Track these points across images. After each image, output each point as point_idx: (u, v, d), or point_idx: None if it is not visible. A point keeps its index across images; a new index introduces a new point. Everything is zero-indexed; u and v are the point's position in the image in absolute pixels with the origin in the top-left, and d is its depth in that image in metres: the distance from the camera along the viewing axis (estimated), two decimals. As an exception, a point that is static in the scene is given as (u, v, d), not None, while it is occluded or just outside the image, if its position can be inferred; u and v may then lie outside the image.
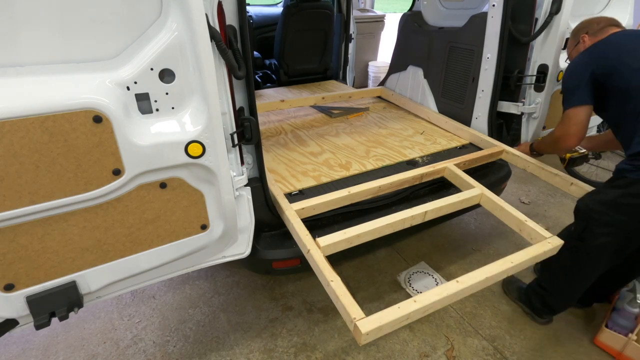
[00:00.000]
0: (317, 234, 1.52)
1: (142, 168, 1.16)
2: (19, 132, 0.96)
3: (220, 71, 1.24)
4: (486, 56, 2.25)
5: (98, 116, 1.03)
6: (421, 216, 1.66)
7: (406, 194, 2.00)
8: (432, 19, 2.91)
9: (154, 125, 1.15)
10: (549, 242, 1.51)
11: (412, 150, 2.31)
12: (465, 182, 1.87)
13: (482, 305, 2.17)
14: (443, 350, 1.92)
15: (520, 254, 1.44)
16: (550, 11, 2.00)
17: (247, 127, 1.40)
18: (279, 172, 2.04)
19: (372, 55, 5.39)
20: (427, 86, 2.84)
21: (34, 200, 1.03)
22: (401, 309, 1.19)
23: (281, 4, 4.60)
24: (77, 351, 1.91)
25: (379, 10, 5.62)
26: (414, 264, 2.48)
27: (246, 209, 1.53)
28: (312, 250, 1.40)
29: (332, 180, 1.97)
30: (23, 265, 1.11)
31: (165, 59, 1.10)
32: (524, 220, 1.61)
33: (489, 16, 2.18)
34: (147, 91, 1.12)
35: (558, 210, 3.03)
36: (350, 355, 1.90)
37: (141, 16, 1.05)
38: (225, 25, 1.24)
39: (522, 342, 1.96)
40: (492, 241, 2.68)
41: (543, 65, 2.13)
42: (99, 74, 1.05)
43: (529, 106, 2.24)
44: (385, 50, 5.18)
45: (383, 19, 5.15)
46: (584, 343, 1.94)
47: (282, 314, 2.13)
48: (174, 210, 1.30)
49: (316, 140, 2.48)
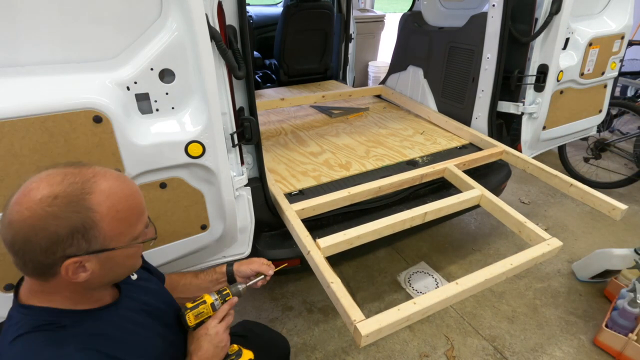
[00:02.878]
0: (317, 234, 1.52)
1: (142, 168, 1.16)
2: (19, 132, 0.96)
3: (220, 71, 1.24)
4: (486, 56, 2.25)
5: (98, 116, 1.03)
6: (421, 217, 1.66)
7: (406, 194, 2.00)
8: (432, 19, 2.90)
9: (154, 125, 1.15)
10: (548, 243, 1.51)
11: (412, 150, 2.31)
12: (465, 183, 1.87)
13: (482, 305, 2.17)
14: (443, 350, 1.92)
15: (520, 256, 1.45)
16: (550, 11, 2.00)
17: (247, 127, 1.40)
18: (279, 172, 2.04)
19: (372, 55, 5.39)
20: (427, 86, 2.84)
21: (34, 200, 1.03)
22: (401, 311, 1.19)
23: (281, 4, 4.59)
24: (77, 351, 1.91)
25: (379, 10, 5.62)
26: (414, 264, 2.48)
27: (246, 209, 1.53)
28: (312, 251, 1.40)
29: (332, 180, 1.97)
30: (23, 265, 1.11)
31: (165, 59, 1.10)
32: (523, 221, 1.61)
33: (489, 16, 2.18)
34: (147, 91, 1.12)
35: (558, 211, 3.03)
36: (350, 355, 1.90)
37: (141, 16, 1.05)
38: (225, 26, 1.24)
39: (522, 342, 1.96)
40: (492, 241, 2.68)
41: (543, 65, 2.13)
42: (99, 74, 1.05)
43: (529, 106, 2.24)
44: (385, 50, 5.17)
45: (383, 19, 5.15)
46: (584, 343, 1.94)
47: (282, 314, 2.13)
48: (174, 210, 1.30)
49: (316, 140, 2.48)
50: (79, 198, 0.71)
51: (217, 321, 0.97)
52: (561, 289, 2.28)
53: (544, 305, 2.17)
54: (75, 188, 0.71)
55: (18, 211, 0.68)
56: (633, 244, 2.47)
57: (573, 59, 2.19)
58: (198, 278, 1.20)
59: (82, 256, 0.72)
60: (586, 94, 2.43)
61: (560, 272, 2.40)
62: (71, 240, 0.70)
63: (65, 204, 0.69)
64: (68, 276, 0.72)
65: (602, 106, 2.60)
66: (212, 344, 0.94)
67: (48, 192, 0.69)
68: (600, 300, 2.19)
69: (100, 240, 0.73)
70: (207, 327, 0.96)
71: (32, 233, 0.68)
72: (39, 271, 0.73)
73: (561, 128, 2.44)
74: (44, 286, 0.76)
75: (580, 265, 2.35)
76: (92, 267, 0.74)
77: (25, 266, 0.72)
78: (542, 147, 2.49)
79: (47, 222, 0.68)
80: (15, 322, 0.76)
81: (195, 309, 0.98)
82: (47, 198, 0.69)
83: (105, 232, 0.73)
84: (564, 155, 3.37)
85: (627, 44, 2.42)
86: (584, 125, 2.57)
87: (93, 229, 0.72)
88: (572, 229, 2.81)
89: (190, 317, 0.97)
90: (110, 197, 0.74)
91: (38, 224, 0.68)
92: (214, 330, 0.95)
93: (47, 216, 0.68)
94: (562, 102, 2.33)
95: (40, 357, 0.71)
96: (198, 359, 0.92)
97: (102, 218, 0.72)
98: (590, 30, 2.19)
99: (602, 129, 3.20)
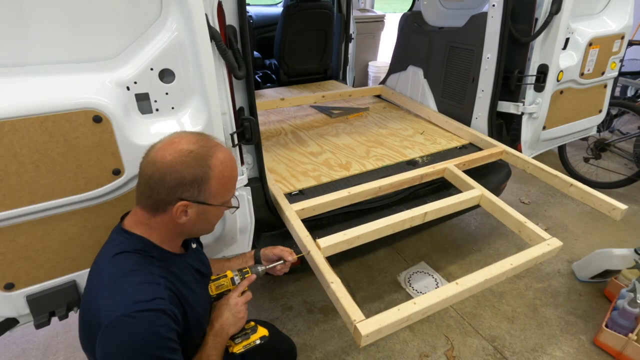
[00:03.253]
0: (317, 233, 1.52)
1: (142, 168, 1.16)
2: (19, 132, 0.96)
3: (220, 71, 1.24)
4: (486, 56, 2.25)
5: (98, 116, 1.03)
6: (421, 217, 1.66)
7: (406, 194, 2.00)
8: (432, 19, 2.90)
9: (154, 125, 1.15)
10: (548, 243, 1.51)
11: (412, 150, 2.31)
12: (465, 183, 1.87)
13: (482, 305, 2.17)
14: (443, 350, 1.92)
15: (520, 256, 1.45)
16: (550, 11, 2.00)
17: (247, 127, 1.40)
18: (279, 172, 2.04)
19: (372, 55, 5.39)
20: (427, 86, 2.84)
21: (34, 200, 1.03)
22: (401, 311, 1.19)
23: (281, 4, 4.59)
24: (78, 351, 1.91)
25: (379, 10, 5.62)
26: (414, 264, 2.48)
27: (246, 209, 1.53)
28: (312, 251, 1.41)
29: (332, 180, 1.97)
30: (23, 264, 1.11)
31: (165, 59, 1.10)
32: (523, 221, 1.61)
33: (489, 16, 2.18)
34: (147, 91, 1.12)
35: (558, 210, 3.03)
36: (350, 355, 1.90)
37: (141, 16, 1.05)
38: (225, 26, 1.24)
39: (522, 342, 1.96)
40: (492, 241, 2.68)
41: (543, 65, 2.13)
42: (99, 74, 1.05)
43: (529, 106, 2.24)
44: (385, 50, 5.18)
45: (383, 19, 5.15)
46: (584, 343, 1.94)
47: (282, 314, 2.13)
48: (174, 210, 1.30)
49: (316, 140, 2.48)
50: (205, 157, 0.93)
51: (236, 294, 1.12)
52: (561, 289, 2.28)
53: (544, 305, 2.17)
54: (204, 149, 0.94)
55: (162, 155, 0.91)
56: (633, 244, 2.47)
57: (573, 59, 2.19)
58: (230, 261, 1.36)
59: (191, 202, 0.93)
60: (586, 94, 2.43)
61: (560, 272, 2.40)
62: (190, 185, 0.92)
63: (196, 158, 0.92)
64: (176, 215, 0.93)
65: (602, 106, 2.60)
66: (231, 313, 1.09)
67: (186, 147, 0.92)
68: (600, 300, 2.19)
69: (206, 194, 0.94)
70: (227, 298, 1.12)
71: (168, 172, 0.90)
72: (156, 205, 0.93)
73: (561, 128, 2.44)
74: (150, 219, 0.96)
75: (580, 265, 2.35)
76: (191, 214, 0.95)
77: (150, 198, 0.92)
78: (542, 147, 2.49)
79: (181, 167, 0.90)
80: (118, 242, 0.95)
81: (217, 280, 1.14)
82: (186, 150, 0.92)
83: (212, 188, 0.95)
84: (564, 155, 3.37)
85: (627, 44, 2.42)
86: (584, 125, 2.57)
87: (206, 182, 0.93)
88: (572, 229, 2.81)
89: (212, 287, 1.12)
90: (223, 163, 0.96)
91: (174, 167, 0.90)
92: (234, 301, 1.11)
93: (182, 163, 0.90)
94: (562, 102, 2.33)
95: (135, 271, 0.90)
96: (219, 324, 1.07)
97: (214, 176, 0.94)
98: (590, 30, 2.19)
99: (602, 129, 3.20)
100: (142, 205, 0.96)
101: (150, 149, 0.94)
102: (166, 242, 0.99)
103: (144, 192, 0.93)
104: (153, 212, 0.94)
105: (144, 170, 0.93)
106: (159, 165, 0.90)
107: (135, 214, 0.99)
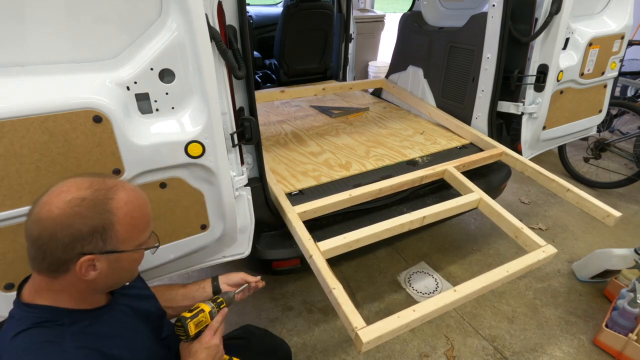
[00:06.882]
0: (317, 233, 1.53)
1: (142, 168, 1.16)
2: (19, 132, 0.96)
3: (220, 71, 1.24)
4: (486, 56, 2.25)
5: (98, 116, 1.03)
6: (419, 221, 1.68)
7: (406, 194, 2.00)
8: (432, 19, 2.91)
9: (154, 125, 1.15)
10: (543, 250, 1.53)
11: (412, 150, 2.31)
12: (464, 186, 1.88)
13: (482, 305, 2.17)
14: (443, 350, 1.92)
15: (515, 263, 1.47)
16: (550, 11, 2.00)
17: (247, 127, 1.40)
18: (279, 172, 2.04)
19: (372, 55, 5.39)
20: (427, 86, 2.84)
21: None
22: (400, 318, 1.22)
23: (281, 4, 4.60)
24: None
25: (379, 10, 5.62)
26: (414, 264, 2.48)
27: (246, 208, 1.53)
28: (314, 255, 1.41)
29: (332, 180, 1.97)
30: (23, 264, 1.11)
31: (165, 59, 1.10)
32: (520, 227, 1.63)
33: (489, 16, 2.18)
34: (147, 91, 1.12)
35: (558, 210, 3.03)
36: (350, 355, 1.90)
37: (141, 16, 1.05)
38: (225, 26, 1.24)
39: (522, 342, 1.96)
40: (492, 241, 2.68)
41: (543, 65, 2.13)
42: (99, 74, 1.05)
43: (529, 106, 2.24)
44: (385, 50, 5.18)
45: (383, 19, 5.15)
46: (584, 343, 1.94)
47: (282, 314, 2.13)
48: (174, 210, 1.30)
49: (316, 140, 2.48)
50: (103, 202, 0.80)
51: (212, 332, 0.99)
52: (561, 289, 2.28)
53: (544, 305, 2.17)
54: (99, 193, 0.80)
55: (48, 210, 0.76)
56: (633, 244, 2.47)
57: (573, 59, 2.19)
58: (186, 287, 1.24)
59: (96, 255, 0.79)
60: (586, 94, 2.43)
61: (560, 272, 2.40)
62: (90, 238, 0.78)
63: (90, 206, 0.78)
64: (80, 273, 0.79)
65: (602, 106, 2.60)
66: (210, 356, 0.96)
67: (77, 194, 0.78)
68: (600, 300, 2.19)
69: (114, 241, 0.81)
70: (205, 340, 0.97)
71: (59, 229, 0.75)
72: (54, 267, 0.79)
73: (561, 128, 2.44)
74: (51, 284, 0.81)
75: (580, 265, 2.35)
76: (101, 267, 0.81)
77: (44, 260, 0.78)
78: (542, 147, 2.49)
79: (73, 220, 0.76)
80: (17, 320, 0.80)
81: (195, 317, 0.99)
82: (76, 199, 0.77)
83: (119, 234, 0.81)
84: (564, 155, 3.37)
85: (627, 44, 2.42)
86: (584, 125, 2.57)
87: (110, 230, 0.80)
88: (572, 229, 2.81)
89: (191, 326, 0.98)
90: (127, 204, 0.83)
91: (65, 222, 0.76)
92: (214, 343, 0.97)
93: (74, 214, 0.76)
94: (562, 102, 2.33)
95: (40, 352, 0.76)
96: None
97: (118, 221, 0.81)
98: (590, 30, 2.19)
99: (602, 129, 3.20)
100: (38, 270, 0.81)
101: (34, 205, 0.78)
102: (80, 301, 0.85)
103: (36, 256, 0.78)
104: (53, 274, 0.80)
105: (30, 232, 0.77)
106: (45, 223, 0.75)
107: (33, 282, 0.84)
